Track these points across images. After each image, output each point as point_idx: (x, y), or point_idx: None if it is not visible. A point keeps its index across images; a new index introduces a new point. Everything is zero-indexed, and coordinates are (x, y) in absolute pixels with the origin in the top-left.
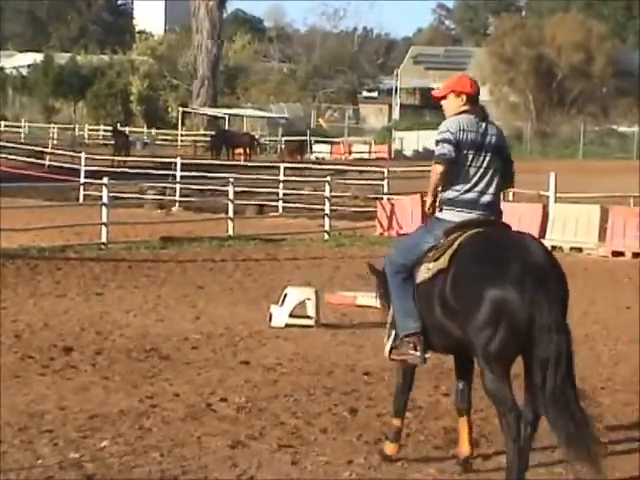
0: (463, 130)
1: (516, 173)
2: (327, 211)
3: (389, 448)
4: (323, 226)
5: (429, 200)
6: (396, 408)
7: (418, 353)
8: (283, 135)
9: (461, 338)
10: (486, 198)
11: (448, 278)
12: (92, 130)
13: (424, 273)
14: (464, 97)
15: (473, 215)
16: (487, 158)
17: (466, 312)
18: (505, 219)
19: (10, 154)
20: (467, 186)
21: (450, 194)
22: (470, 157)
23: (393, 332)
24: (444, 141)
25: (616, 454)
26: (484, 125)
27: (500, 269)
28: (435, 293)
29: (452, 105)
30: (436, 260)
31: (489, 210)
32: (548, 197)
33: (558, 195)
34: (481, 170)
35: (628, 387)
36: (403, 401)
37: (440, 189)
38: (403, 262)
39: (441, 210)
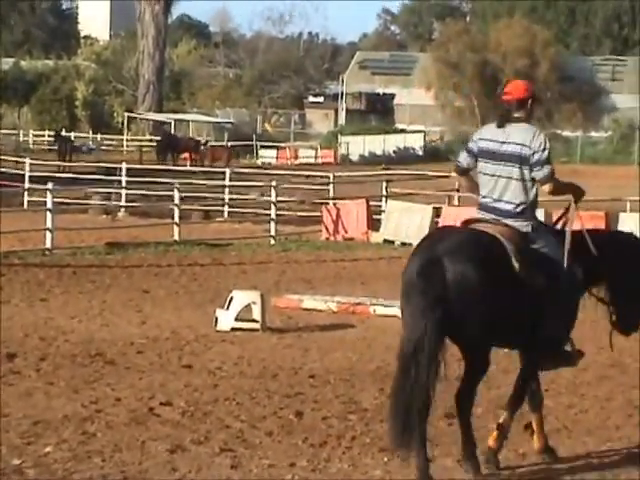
0: (481, 139)
1: (553, 176)
2: (273, 216)
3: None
4: (269, 231)
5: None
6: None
7: None
8: (229, 140)
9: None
10: (500, 205)
11: None
12: (37, 135)
13: None
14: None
15: (486, 217)
16: (502, 166)
17: None
18: (451, 223)
19: None
20: (485, 191)
21: (479, 198)
22: (485, 165)
23: None
24: (464, 149)
25: (561, 459)
26: (508, 132)
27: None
28: None
29: None
30: None
31: (503, 216)
32: None
33: None
34: (495, 177)
35: (571, 390)
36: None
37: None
38: None
39: None
